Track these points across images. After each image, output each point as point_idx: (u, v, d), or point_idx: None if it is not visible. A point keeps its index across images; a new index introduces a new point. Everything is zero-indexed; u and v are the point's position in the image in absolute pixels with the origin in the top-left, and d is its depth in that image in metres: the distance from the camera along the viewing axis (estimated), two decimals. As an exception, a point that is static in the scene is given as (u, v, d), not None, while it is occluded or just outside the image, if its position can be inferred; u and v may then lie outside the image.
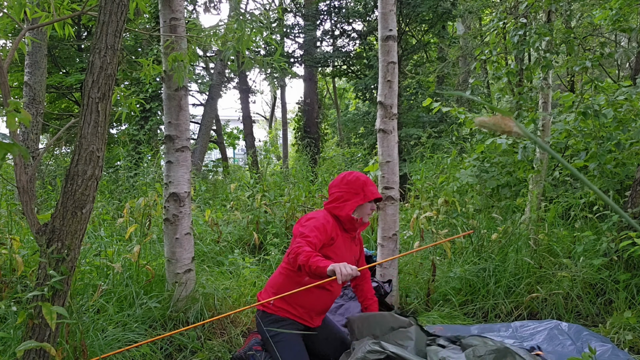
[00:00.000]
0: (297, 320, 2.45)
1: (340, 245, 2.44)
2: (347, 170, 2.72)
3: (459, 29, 13.04)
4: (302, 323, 2.47)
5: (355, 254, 2.63)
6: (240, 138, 18.26)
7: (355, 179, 2.47)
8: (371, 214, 2.55)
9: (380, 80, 3.73)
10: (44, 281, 2.13)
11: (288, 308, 2.44)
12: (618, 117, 4.77)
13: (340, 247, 2.44)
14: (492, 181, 5.45)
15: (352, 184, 2.46)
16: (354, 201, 2.44)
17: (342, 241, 2.47)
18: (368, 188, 2.46)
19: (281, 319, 2.43)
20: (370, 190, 2.46)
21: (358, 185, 2.46)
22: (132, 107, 3.24)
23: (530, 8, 5.10)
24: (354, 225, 2.47)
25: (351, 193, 2.45)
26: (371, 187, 2.48)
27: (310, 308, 2.47)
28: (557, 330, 2.92)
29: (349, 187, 2.46)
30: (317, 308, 2.49)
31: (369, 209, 2.50)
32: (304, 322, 2.49)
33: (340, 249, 2.44)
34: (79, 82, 11.73)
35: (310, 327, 2.52)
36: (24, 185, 2.15)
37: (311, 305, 2.45)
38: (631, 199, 3.71)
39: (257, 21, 3.29)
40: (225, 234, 5.19)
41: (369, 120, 11.77)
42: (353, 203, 2.44)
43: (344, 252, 2.48)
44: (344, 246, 2.48)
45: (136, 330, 2.95)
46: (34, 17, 2.93)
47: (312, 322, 2.51)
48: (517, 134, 0.69)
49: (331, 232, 2.37)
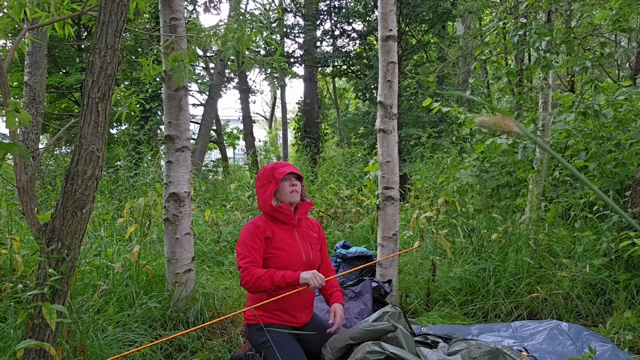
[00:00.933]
0: (282, 324, 2.45)
1: (280, 239, 2.40)
2: None
3: (459, 29, 13.04)
4: (288, 325, 2.47)
5: (309, 239, 2.52)
6: (240, 138, 18.27)
7: (263, 171, 2.47)
8: (295, 190, 2.44)
9: (380, 80, 3.73)
10: (44, 281, 2.13)
11: (270, 315, 2.44)
12: (618, 117, 4.77)
13: (282, 240, 2.40)
14: (492, 181, 5.45)
15: (262, 177, 2.46)
16: (268, 191, 2.42)
17: (286, 234, 2.43)
18: (277, 171, 2.42)
19: (267, 325, 2.43)
20: (278, 172, 2.41)
21: (266, 174, 2.44)
22: (132, 107, 3.24)
23: (530, 8, 5.10)
24: (284, 212, 2.41)
25: (264, 185, 2.44)
26: (280, 169, 2.42)
27: (291, 308, 2.46)
28: (557, 330, 2.92)
29: (261, 181, 2.46)
30: (298, 306, 2.48)
31: (287, 188, 2.42)
32: (290, 323, 2.48)
33: (282, 242, 2.40)
34: (79, 82, 11.73)
35: (298, 326, 2.51)
36: (24, 185, 2.15)
37: (291, 305, 2.44)
38: (631, 199, 3.71)
39: (257, 21, 3.29)
40: (225, 234, 5.19)
41: (369, 120, 11.76)
42: (268, 193, 2.41)
43: (291, 243, 2.42)
44: (289, 238, 2.43)
45: (136, 330, 2.95)
46: (34, 17, 2.93)
47: (297, 320, 2.50)
48: (517, 134, 0.69)
49: (263, 234, 2.37)
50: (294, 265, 2.37)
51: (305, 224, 2.57)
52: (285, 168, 2.44)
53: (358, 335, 2.37)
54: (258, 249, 2.34)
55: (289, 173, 2.44)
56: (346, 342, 2.38)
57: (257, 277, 2.22)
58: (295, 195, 2.45)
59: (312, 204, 2.57)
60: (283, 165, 2.45)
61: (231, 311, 3.44)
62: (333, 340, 2.42)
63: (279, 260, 2.38)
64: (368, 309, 3.22)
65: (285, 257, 2.38)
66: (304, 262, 2.43)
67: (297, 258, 2.41)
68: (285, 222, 2.47)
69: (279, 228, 2.44)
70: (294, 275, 2.24)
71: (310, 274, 2.24)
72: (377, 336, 2.36)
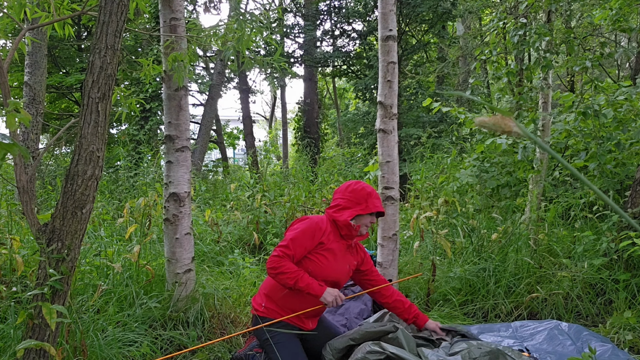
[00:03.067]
0: (290, 323, 2.45)
1: (333, 250, 2.44)
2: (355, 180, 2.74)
3: (458, 29, 13.04)
4: (295, 325, 2.47)
5: (350, 264, 2.57)
6: (240, 138, 18.26)
7: (361, 189, 2.48)
8: (369, 227, 2.56)
9: (380, 80, 3.73)
10: (44, 281, 2.13)
11: (279, 311, 2.44)
12: (618, 117, 4.77)
13: (334, 252, 2.44)
14: (492, 181, 5.45)
15: (356, 193, 2.47)
16: (354, 209, 2.45)
17: (337, 247, 2.46)
18: (372, 200, 2.46)
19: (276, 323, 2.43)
20: (373, 202, 2.46)
21: (362, 195, 2.46)
22: (132, 107, 3.24)
23: (530, 8, 5.10)
24: (351, 232, 2.46)
25: (354, 202, 2.46)
26: (375, 200, 2.47)
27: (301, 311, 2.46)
28: (557, 330, 2.92)
29: (353, 195, 2.47)
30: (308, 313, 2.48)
31: (368, 220, 2.50)
32: (297, 324, 2.48)
33: (333, 253, 2.43)
34: (79, 82, 11.74)
35: (305, 329, 2.51)
36: (24, 185, 2.15)
37: (301, 308, 2.44)
38: (631, 199, 3.71)
39: (257, 21, 3.29)
40: (225, 234, 5.19)
41: (369, 120, 11.77)
42: (353, 211, 2.45)
43: (337, 258, 2.46)
44: (338, 253, 2.47)
45: (136, 330, 2.95)
46: (34, 17, 2.93)
47: (304, 325, 2.50)
48: (517, 134, 0.69)
49: (320, 237, 2.39)
50: (329, 275, 2.41)
51: (354, 251, 2.62)
52: (379, 204, 2.50)
53: (358, 336, 2.37)
54: (305, 248, 2.36)
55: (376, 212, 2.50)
56: (347, 344, 2.38)
57: (285, 270, 2.25)
58: (366, 229, 2.54)
59: (368, 236, 2.65)
60: (379, 200, 2.51)
61: (231, 311, 3.44)
62: (333, 341, 2.42)
63: (319, 264, 2.39)
64: (368, 309, 3.22)
65: (327, 265, 2.40)
66: (338, 277, 2.47)
67: (336, 271, 2.45)
68: (345, 239, 2.51)
69: (336, 240, 2.47)
70: (318, 290, 2.29)
71: (333, 296, 2.30)
72: (377, 337, 2.36)
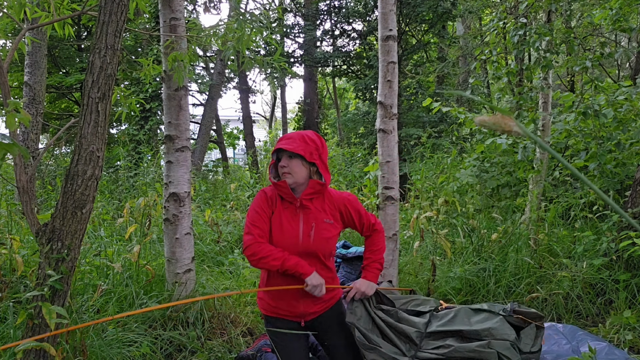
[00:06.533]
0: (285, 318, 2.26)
1: (278, 216, 2.19)
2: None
3: (459, 29, 13.04)
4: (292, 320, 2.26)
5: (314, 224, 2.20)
6: (240, 138, 18.25)
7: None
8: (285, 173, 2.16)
9: (380, 80, 3.73)
10: (44, 281, 2.13)
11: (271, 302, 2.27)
12: (618, 117, 4.77)
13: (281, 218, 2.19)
14: (492, 181, 5.45)
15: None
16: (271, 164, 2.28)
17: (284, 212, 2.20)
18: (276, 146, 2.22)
19: (270, 319, 2.29)
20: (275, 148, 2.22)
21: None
22: (132, 107, 3.25)
23: (530, 8, 5.10)
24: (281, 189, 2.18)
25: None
26: (277, 143, 2.20)
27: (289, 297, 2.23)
28: (551, 330, 2.94)
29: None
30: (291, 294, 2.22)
31: (278, 170, 2.21)
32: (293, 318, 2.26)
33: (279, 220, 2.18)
34: (79, 82, 11.73)
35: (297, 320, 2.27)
36: (24, 185, 2.15)
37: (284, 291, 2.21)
38: (631, 199, 3.71)
39: (257, 21, 3.29)
40: (225, 234, 5.19)
41: (369, 120, 11.76)
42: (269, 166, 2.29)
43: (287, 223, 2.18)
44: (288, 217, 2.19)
45: (136, 330, 2.95)
46: (34, 17, 2.93)
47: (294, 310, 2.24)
48: (517, 134, 0.69)
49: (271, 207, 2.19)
50: (286, 247, 2.15)
51: (316, 206, 2.22)
52: (277, 144, 2.17)
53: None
54: (266, 220, 2.15)
55: (277, 151, 2.19)
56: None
57: (268, 253, 2.06)
58: (286, 176, 2.15)
59: (323, 184, 2.20)
60: (279, 140, 2.19)
61: (231, 311, 3.44)
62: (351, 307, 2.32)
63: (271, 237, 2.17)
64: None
65: (277, 237, 2.15)
66: (300, 245, 2.17)
67: (291, 240, 2.16)
68: (287, 200, 2.21)
69: (282, 205, 2.20)
70: (307, 270, 2.09)
71: (318, 284, 2.10)
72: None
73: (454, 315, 2.38)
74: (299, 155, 2.15)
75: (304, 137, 2.16)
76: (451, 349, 2.23)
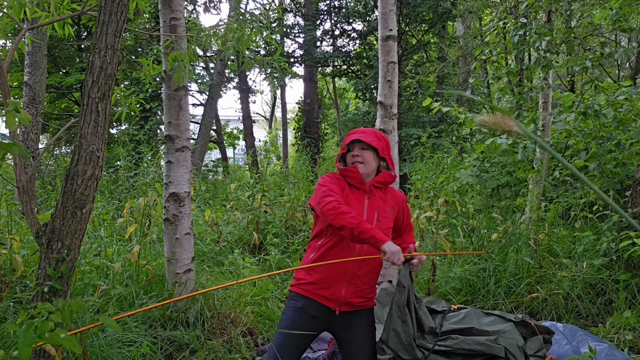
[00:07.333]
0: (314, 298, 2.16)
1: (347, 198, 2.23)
2: None
3: (459, 29, 13.04)
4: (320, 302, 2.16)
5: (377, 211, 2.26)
6: (240, 138, 18.25)
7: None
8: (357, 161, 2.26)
9: (380, 80, 3.73)
10: (44, 281, 2.12)
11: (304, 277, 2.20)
12: (618, 117, 4.77)
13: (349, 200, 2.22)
14: (492, 181, 5.45)
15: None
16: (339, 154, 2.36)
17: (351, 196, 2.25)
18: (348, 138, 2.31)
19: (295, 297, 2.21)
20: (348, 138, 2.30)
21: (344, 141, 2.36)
22: (132, 107, 3.25)
23: (530, 8, 5.10)
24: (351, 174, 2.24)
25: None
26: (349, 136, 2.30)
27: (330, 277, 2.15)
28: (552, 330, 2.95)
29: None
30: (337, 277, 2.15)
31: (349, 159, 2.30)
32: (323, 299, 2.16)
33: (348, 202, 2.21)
34: (79, 82, 11.73)
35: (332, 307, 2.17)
36: (24, 185, 2.15)
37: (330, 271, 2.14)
38: (631, 199, 3.71)
39: (257, 21, 3.29)
40: (225, 234, 5.19)
41: (369, 120, 11.76)
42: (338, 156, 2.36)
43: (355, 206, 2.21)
44: (355, 200, 2.24)
45: (136, 330, 2.95)
46: (34, 17, 2.93)
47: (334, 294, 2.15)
48: (517, 133, 0.69)
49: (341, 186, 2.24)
50: None
51: (380, 195, 2.30)
52: (350, 136, 2.28)
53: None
54: (340, 192, 2.16)
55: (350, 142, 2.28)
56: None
57: (349, 210, 2.02)
58: (358, 165, 2.25)
59: (394, 176, 2.32)
60: (351, 133, 2.31)
61: (231, 311, 3.44)
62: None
63: None
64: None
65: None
66: None
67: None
68: (355, 186, 2.26)
69: (349, 190, 2.25)
70: (383, 237, 2.00)
71: (396, 250, 1.99)
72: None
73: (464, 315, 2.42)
74: (373, 148, 2.26)
75: (376, 134, 2.28)
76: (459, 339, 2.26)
